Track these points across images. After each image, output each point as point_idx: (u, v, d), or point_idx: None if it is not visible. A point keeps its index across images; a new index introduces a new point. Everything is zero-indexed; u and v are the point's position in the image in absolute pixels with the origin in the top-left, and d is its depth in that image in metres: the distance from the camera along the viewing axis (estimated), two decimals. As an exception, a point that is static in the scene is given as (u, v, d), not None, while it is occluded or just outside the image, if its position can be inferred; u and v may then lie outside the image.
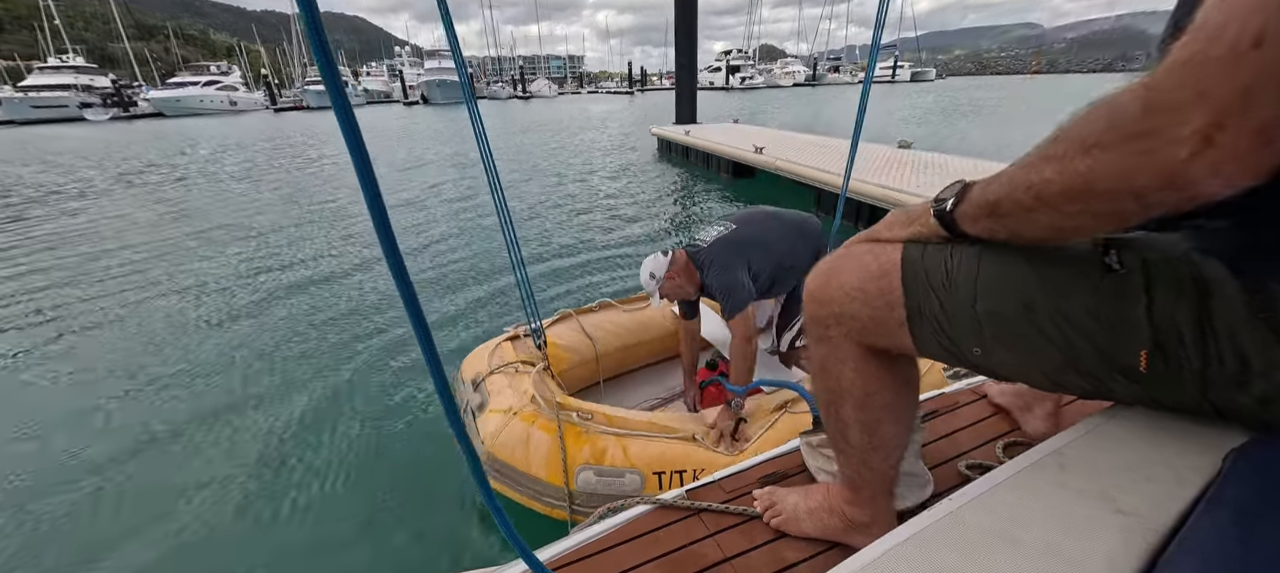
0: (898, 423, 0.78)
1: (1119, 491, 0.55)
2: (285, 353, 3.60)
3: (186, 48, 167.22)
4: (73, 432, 2.82)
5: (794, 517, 1.02)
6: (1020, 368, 0.62)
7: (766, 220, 2.10)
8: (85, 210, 8.33)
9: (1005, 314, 0.59)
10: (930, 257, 0.64)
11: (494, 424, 1.85)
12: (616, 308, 2.69)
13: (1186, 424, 0.64)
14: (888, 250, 0.68)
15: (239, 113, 48.20)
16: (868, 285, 0.68)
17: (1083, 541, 0.50)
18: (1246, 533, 0.46)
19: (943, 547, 0.51)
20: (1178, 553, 0.47)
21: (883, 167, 6.47)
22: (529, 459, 1.76)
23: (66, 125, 35.92)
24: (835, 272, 0.72)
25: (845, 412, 0.78)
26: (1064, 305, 0.55)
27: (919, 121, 19.58)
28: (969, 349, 0.63)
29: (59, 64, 48.23)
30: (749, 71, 78.83)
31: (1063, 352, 0.57)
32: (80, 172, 12.76)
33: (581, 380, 2.47)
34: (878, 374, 0.74)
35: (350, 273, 5.14)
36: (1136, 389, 0.57)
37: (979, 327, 0.61)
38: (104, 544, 2.13)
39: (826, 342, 0.76)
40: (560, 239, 6.21)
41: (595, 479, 1.72)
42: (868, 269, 0.69)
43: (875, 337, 0.70)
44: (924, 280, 0.64)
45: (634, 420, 1.87)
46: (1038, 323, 0.57)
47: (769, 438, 1.85)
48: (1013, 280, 0.58)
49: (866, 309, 0.69)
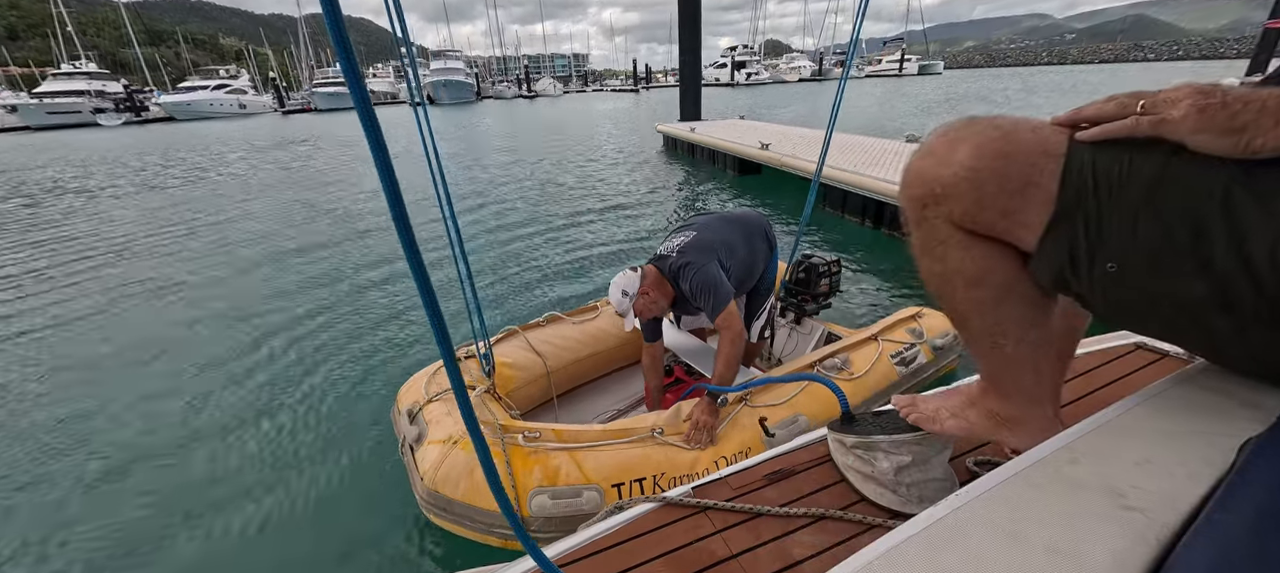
0: (1022, 301, 0.69)
1: (1128, 486, 0.54)
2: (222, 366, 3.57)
3: (196, 52, 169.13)
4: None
5: (935, 417, 0.96)
6: (1144, 298, 0.57)
7: (723, 223, 2.11)
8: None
9: (1173, 234, 0.53)
10: (1104, 153, 0.57)
11: (433, 457, 1.71)
12: (565, 320, 2.60)
13: (1196, 420, 0.63)
14: (1021, 128, 0.61)
15: (248, 115, 48.69)
16: (982, 165, 0.61)
17: (1090, 537, 0.49)
18: (1262, 527, 0.45)
19: (949, 544, 0.51)
20: (1189, 549, 0.46)
21: (892, 161, 6.42)
22: (475, 491, 1.63)
23: (81, 131, 36.48)
24: (950, 147, 0.64)
25: (959, 295, 0.72)
26: (1246, 235, 0.50)
27: (926, 113, 19.42)
28: (1102, 264, 0.57)
29: (72, 70, 48.94)
30: (755, 67, 78.32)
31: (1217, 288, 0.52)
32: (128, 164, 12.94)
33: (533, 400, 2.37)
34: (989, 252, 0.67)
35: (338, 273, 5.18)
36: (1264, 343, 0.54)
37: (1133, 242, 0.55)
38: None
39: (924, 224, 0.69)
40: (554, 240, 6.11)
41: (550, 502, 1.61)
42: (987, 148, 0.61)
43: (978, 221, 0.64)
44: (1088, 179, 0.57)
45: (586, 433, 1.76)
46: (1205, 252, 0.52)
47: (731, 435, 1.82)
48: (1197, 197, 0.52)
49: (974, 192, 0.62)
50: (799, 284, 2.70)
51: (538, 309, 4.17)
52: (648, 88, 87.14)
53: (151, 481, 2.50)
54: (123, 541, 2.18)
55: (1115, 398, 0.71)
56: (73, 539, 2.18)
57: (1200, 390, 0.67)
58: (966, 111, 4.46)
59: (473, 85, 61.72)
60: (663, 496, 1.15)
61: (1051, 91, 26.53)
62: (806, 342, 2.85)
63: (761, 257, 2.21)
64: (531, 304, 4.42)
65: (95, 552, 2.13)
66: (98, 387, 3.33)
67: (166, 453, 2.69)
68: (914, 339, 2.37)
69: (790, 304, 2.76)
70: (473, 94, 60.54)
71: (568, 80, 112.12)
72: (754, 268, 2.19)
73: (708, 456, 1.75)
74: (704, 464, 1.73)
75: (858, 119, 17.95)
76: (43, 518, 2.29)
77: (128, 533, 2.21)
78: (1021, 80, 41.54)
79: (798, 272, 2.69)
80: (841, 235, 5.72)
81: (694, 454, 1.75)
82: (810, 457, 1.26)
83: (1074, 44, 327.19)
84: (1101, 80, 31.74)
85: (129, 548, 2.14)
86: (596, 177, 10.16)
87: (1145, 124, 0.54)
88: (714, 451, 1.76)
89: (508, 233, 6.52)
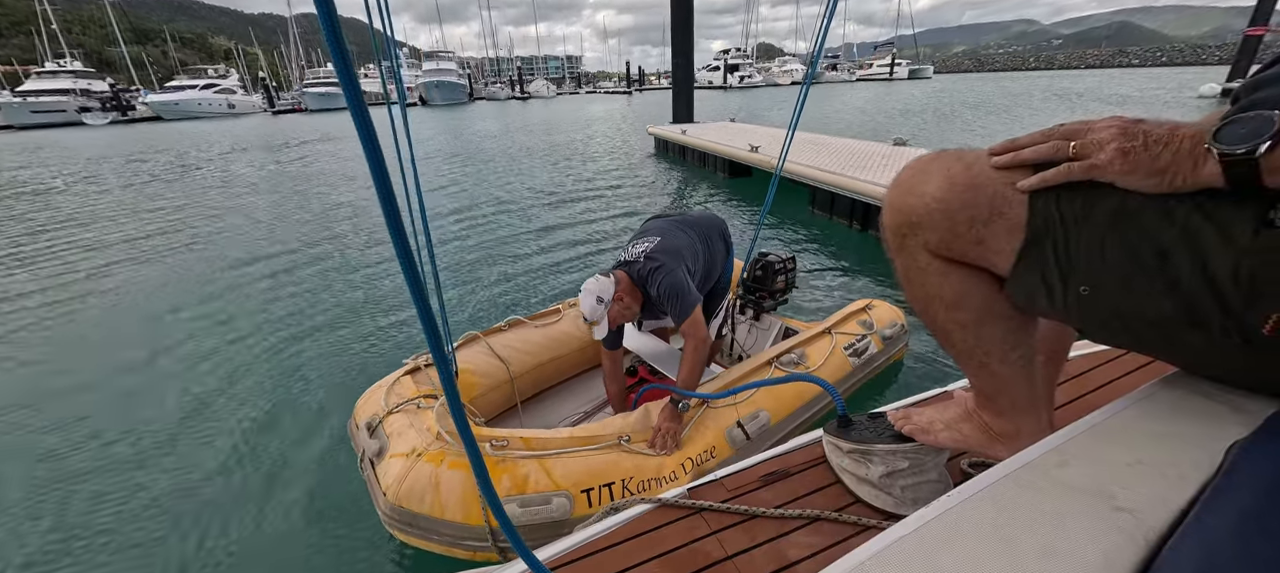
0: (1004, 321, 0.73)
1: (1119, 487, 0.55)
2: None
3: (184, 51, 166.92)
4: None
5: (929, 429, 0.98)
6: (1119, 317, 0.60)
7: (684, 226, 2.13)
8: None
9: (1140, 257, 0.56)
10: (1065, 185, 0.60)
11: (396, 471, 1.64)
12: (527, 324, 2.58)
13: (1188, 421, 0.64)
14: (983, 164, 0.65)
15: (237, 115, 48.17)
16: (952, 197, 0.66)
17: (1080, 538, 0.50)
18: (1247, 530, 0.46)
19: (942, 545, 0.51)
20: (1176, 550, 0.47)
21: (879, 164, 6.47)
22: (442, 504, 1.57)
23: (66, 130, 35.91)
24: (920, 179, 0.69)
25: (940, 317, 0.76)
26: (1208, 258, 0.53)
27: (912, 114, 19.60)
28: (1074, 288, 0.60)
29: (57, 68, 48.15)
30: (747, 70, 78.77)
31: (1186, 307, 0.55)
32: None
33: (496, 406, 2.34)
34: (963, 278, 0.71)
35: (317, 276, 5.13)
36: (1241, 356, 0.56)
37: (1103, 266, 0.58)
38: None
39: (904, 252, 0.74)
40: (527, 242, 6.02)
41: (520, 511, 1.58)
42: (955, 181, 0.65)
43: (952, 249, 0.68)
44: (1054, 210, 0.60)
45: (554, 439, 1.74)
46: (1171, 272, 0.55)
47: (694, 438, 1.83)
48: (1157, 225, 0.55)
49: (946, 221, 0.66)
50: (757, 281, 2.74)
51: (499, 313, 4.08)
52: (641, 90, 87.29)
53: (96, 503, 2.36)
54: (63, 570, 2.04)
55: (1107, 400, 0.72)
56: (11, 566, 2.07)
57: (1191, 394, 0.68)
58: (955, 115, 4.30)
59: (465, 86, 61.45)
60: (658, 497, 1.16)
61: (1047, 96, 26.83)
62: (765, 337, 2.88)
63: (720, 257, 2.26)
64: (493, 308, 4.31)
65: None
66: (39, 399, 3.15)
67: (109, 473, 2.53)
68: (865, 330, 2.46)
69: (749, 301, 2.81)
70: (465, 95, 60.31)
71: (561, 82, 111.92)
72: (714, 268, 2.23)
73: (673, 460, 1.75)
74: (670, 468, 1.73)
75: (847, 124, 18.11)
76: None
77: (72, 561, 2.07)
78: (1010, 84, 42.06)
79: (755, 269, 2.73)
80: (829, 237, 5.76)
81: (660, 459, 1.74)
82: (806, 458, 1.26)
83: (1061, 50, 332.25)
84: (1087, 86, 32.16)
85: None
86: (582, 177, 10.16)
87: (1077, 169, 0.58)
88: (680, 454, 1.77)
89: (476, 236, 6.38)
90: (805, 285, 4.47)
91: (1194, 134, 0.52)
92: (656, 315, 2.18)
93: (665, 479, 1.72)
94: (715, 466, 1.78)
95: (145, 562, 2.07)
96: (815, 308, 4.00)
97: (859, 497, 1.13)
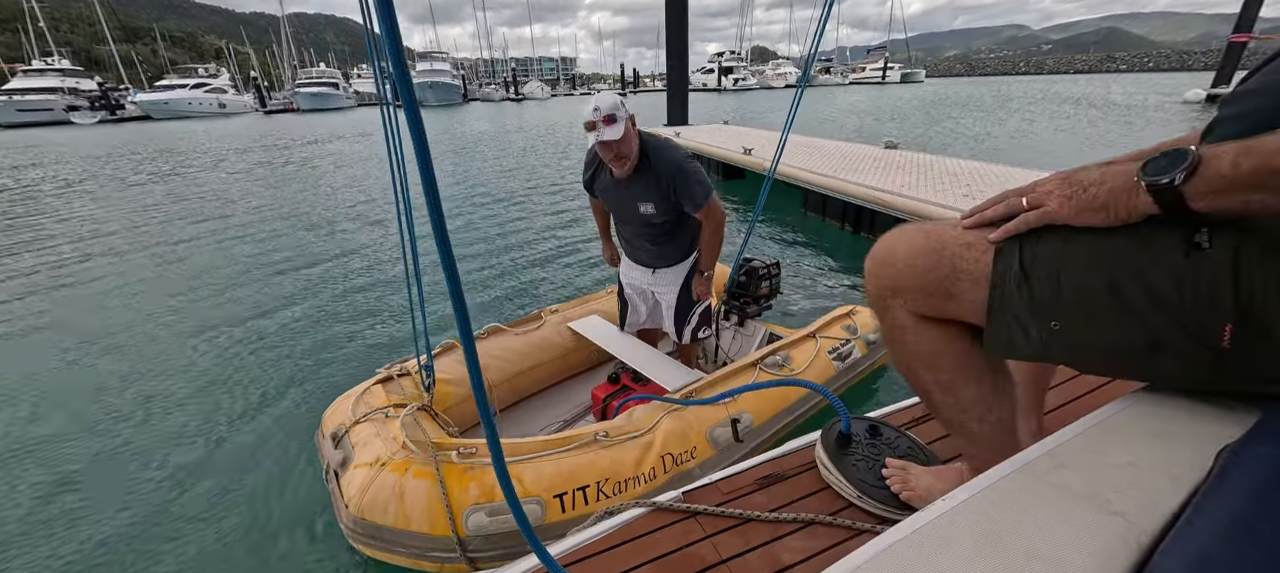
0: (978, 383, 0.80)
1: (1112, 491, 0.55)
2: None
3: (174, 50, 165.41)
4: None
5: (926, 495, 1.04)
6: (1098, 345, 0.65)
7: None
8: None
9: (1091, 289, 0.62)
10: (1023, 234, 0.68)
11: (359, 481, 1.56)
12: (507, 332, 2.51)
13: (1183, 423, 0.64)
14: (941, 229, 0.75)
15: (228, 115, 47.76)
16: (917, 260, 0.75)
17: (1073, 541, 0.50)
18: (1236, 533, 0.46)
19: (936, 547, 0.51)
20: (1167, 555, 0.47)
21: (870, 167, 6.50)
22: (406, 515, 1.51)
23: (53, 128, 35.46)
24: (890, 251, 0.79)
25: (921, 376, 0.83)
26: (1150, 282, 0.59)
27: (901, 117, 19.75)
28: (1045, 324, 0.66)
29: (44, 66, 47.64)
30: (742, 73, 79.12)
31: (1146, 329, 0.60)
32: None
33: (472, 415, 2.26)
34: (940, 335, 0.78)
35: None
36: (1208, 370, 0.60)
37: (1061, 303, 0.64)
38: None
39: (887, 313, 0.82)
40: (507, 246, 5.92)
41: (488, 520, 1.52)
42: (917, 246, 0.75)
43: (929, 306, 0.76)
44: (1014, 258, 0.68)
45: (525, 445, 1.68)
46: (1124, 300, 0.60)
47: (675, 437, 1.79)
48: (1099, 258, 0.62)
49: (916, 281, 0.75)
50: (741, 287, 2.71)
51: (478, 320, 3.92)
52: (635, 92, 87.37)
53: (51, 511, 2.27)
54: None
55: (1102, 402, 0.73)
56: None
57: (1185, 396, 0.68)
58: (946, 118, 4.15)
59: (459, 87, 61.37)
60: (653, 501, 1.15)
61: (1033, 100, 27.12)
62: (750, 343, 2.87)
63: None
64: (472, 314, 4.17)
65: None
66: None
67: (63, 487, 2.43)
68: (849, 335, 2.45)
69: (733, 307, 2.77)
70: (459, 96, 60.20)
71: (556, 83, 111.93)
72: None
73: (653, 456, 1.72)
74: (649, 464, 1.71)
75: (840, 127, 18.21)
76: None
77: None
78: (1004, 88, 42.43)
79: (739, 275, 2.70)
80: (821, 238, 5.78)
81: (638, 456, 1.71)
82: (801, 462, 1.27)
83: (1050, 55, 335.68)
84: (1076, 92, 32.54)
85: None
86: (574, 180, 10.10)
87: (1032, 217, 0.67)
88: (660, 450, 1.74)
89: (457, 238, 6.25)
90: (795, 286, 4.47)
91: (1126, 171, 0.60)
92: (655, 235, 2.11)
93: (644, 478, 1.69)
94: (694, 466, 1.77)
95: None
96: (804, 311, 3.99)
97: (852, 502, 1.13)
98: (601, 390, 2.30)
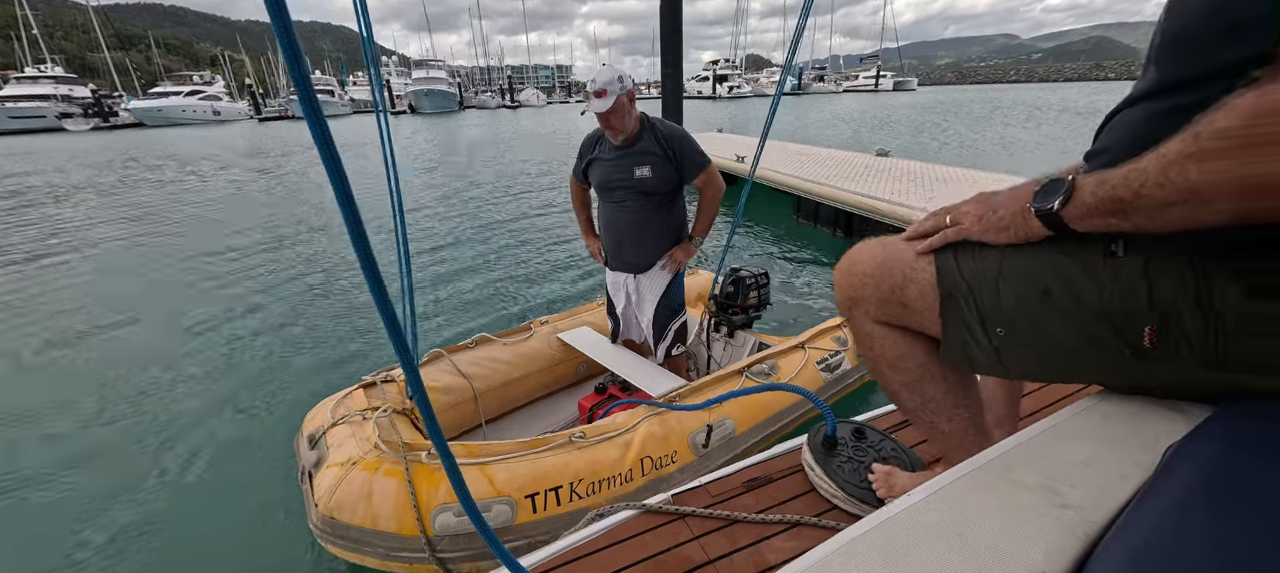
0: (943, 380, 0.85)
1: (1066, 485, 0.59)
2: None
3: (169, 57, 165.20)
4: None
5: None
6: (1035, 350, 0.71)
7: None
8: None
9: (1027, 298, 0.68)
10: (959, 249, 0.75)
11: (329, 480, 1.56)
12: (496, 341, 2.49)
13: (1135, 423, 0.68)
14: (896, 242, 0.82)
15: (223, 123, 47.64)
16: (874, 270, 0.82)
17: (1026, 534, 0.53)
18: (1179, 522, 0.50)
19: (900, 541, 0.54)
20: (1112, 543, 0.51)
21: (861, 175, 6.58)
22: (374, 514, 1.50)
23: (46, 136, 35.27)
24: (852, 262, 0.86)
25: (889, 378, 0.89)
26: (1077, 288, 0.64)
27: (892, 125, 19.93)
28: (992, 330, 0.72)
29: (37, 74, 47.39)
30: (736, 81, 79.59)
31: (1081, 331, 0.66)
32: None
33: (460, 424, 2.28)
34: (902, 339, 0.84)
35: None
36: (1145, 368, 0.65)
37: (1004, 311, 0.70)
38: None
39: (854, 321, 0.89)
40: (498, 256, 5.92)
41: (456, 520, 1.51)
42: (876, 258, 0.83)
43: (888, 314, 0.83)
44: (954, 269, 0.74)
45: (498, 446, 1.67)
46: (1056, 306, 0.66)
47: (655, 440, 1.80)
48: (1033, 267, 0.68)
49: (877, 292, 0.82)
50: (728, 297, 2.67)
51: (467, 331, 3.93)
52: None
53: (25, 512, 2.28)
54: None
55: (1071, 402, 0.77)
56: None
57: (1141, 397, 0.72)
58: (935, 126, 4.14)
59: (455, 95, 61.39)
60: (642, 503, 1.18)
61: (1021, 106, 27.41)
62: (740, 352, 2.85)
63: None
64: (461, 324, 4.17)
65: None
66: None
67: (36, 483, 2.46)
68: (838, 346, 2.45)
69: (722, 318, 2.73)
70: (455, 104, 60.22)
71: (551, 91, 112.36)
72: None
73: (631, 456, 1.72)
74: (627, 465, 1.70)
75: (834, 134, 18.35)
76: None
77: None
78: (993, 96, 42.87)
79: (727, 285, 2.68)
80: (813, 245, 5.83)
81: (616, 456, 1.70)
82: (788, 464, 1.30)
83: (1040, 63, 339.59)
84: (1065, 98, 32.92)
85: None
86: (565, 189, 10.15)
87: (949, 233, 0.75)
88: (639, 451, 1.74)
89: (449, 249, 6.21)
90: (786, 294, 4.50)
91: (1024, 196, 0.67)
92: (648, 203, 2.12)
93: (620, 478, 1.68)
94: (674, 469, 1.78)
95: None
96: (796, 321, 4.00)
97: (837, 503, 1.16)
98: (588, 400, 2.30)
